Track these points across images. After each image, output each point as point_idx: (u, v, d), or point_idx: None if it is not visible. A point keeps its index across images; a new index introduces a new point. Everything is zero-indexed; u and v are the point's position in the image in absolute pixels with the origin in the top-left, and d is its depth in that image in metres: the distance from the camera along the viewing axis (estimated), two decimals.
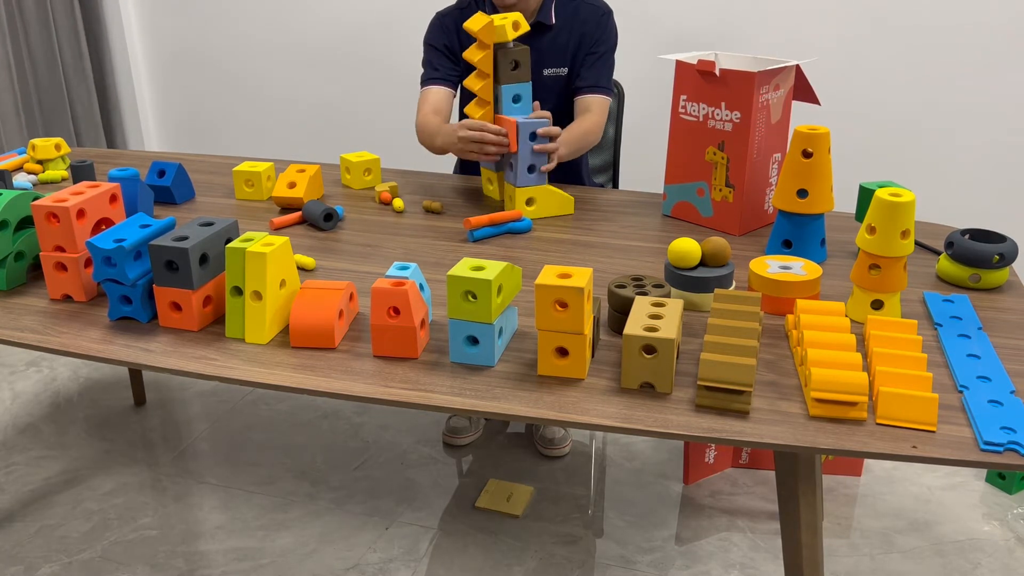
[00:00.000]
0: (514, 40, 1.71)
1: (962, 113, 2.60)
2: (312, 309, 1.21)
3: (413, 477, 2.12)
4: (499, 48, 1.70)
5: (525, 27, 1.70)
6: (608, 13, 1.99)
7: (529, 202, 1.73)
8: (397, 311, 1.16)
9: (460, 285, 1.11)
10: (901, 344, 1.14)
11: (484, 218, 1.62)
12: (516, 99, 1.74)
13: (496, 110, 1.75)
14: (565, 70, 1.98)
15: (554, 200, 1.75)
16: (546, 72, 1.98)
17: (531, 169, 1.71)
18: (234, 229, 1.32)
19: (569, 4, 1.96)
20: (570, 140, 1.85)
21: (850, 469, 2.09)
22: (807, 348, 1.10)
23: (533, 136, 1.70)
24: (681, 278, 1.30)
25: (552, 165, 1.73)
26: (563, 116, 2.01)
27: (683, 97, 1.65)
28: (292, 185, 1.77)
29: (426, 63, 2.04)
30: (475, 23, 1.68)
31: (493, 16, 1.70)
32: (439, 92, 1.99)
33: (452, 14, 2.03)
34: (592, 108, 1.95)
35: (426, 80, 2.01)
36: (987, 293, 1.38)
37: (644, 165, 2.47)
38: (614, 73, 2.04)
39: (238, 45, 3.33)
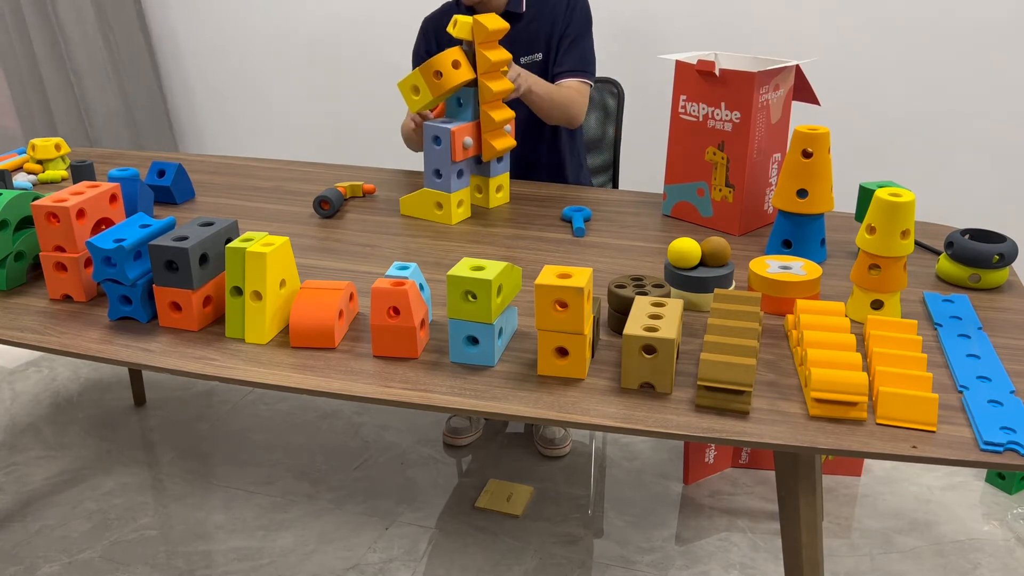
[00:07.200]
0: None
1: (962, 113, 2.60)
2: (312, 309, 1.21)
3: (413, 477, 2.12)
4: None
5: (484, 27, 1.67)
6: None
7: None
8: (397, 311, 1.16)
9: (460, 285, 1.11)
10: (901, 344, 1.13)
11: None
12: (459, 103, 1.70)
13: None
14: (540, 55, 2.00)
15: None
16: (522, 60, 2.00)
17: (437, 174, 1.68)
18: (234, 229, 1.33)
19: None
20: (549, 88, 1.89)
21: (850, 469, 2.09)
22: (807, 348, 1.10)
23: (437, 140, 1.65)
24: (681, 278, 1.30)
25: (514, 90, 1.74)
26: None
27: (683, 97, 1.65)
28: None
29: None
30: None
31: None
32: None
33: (434, 17, 2.06)
34: (572, 88, 1.98)
35: None
36: (987, 293, 1.38)
37: (644, 165, 2.48)
38: (595, 56, 2.04)
39: (239, 44, 3.33)
